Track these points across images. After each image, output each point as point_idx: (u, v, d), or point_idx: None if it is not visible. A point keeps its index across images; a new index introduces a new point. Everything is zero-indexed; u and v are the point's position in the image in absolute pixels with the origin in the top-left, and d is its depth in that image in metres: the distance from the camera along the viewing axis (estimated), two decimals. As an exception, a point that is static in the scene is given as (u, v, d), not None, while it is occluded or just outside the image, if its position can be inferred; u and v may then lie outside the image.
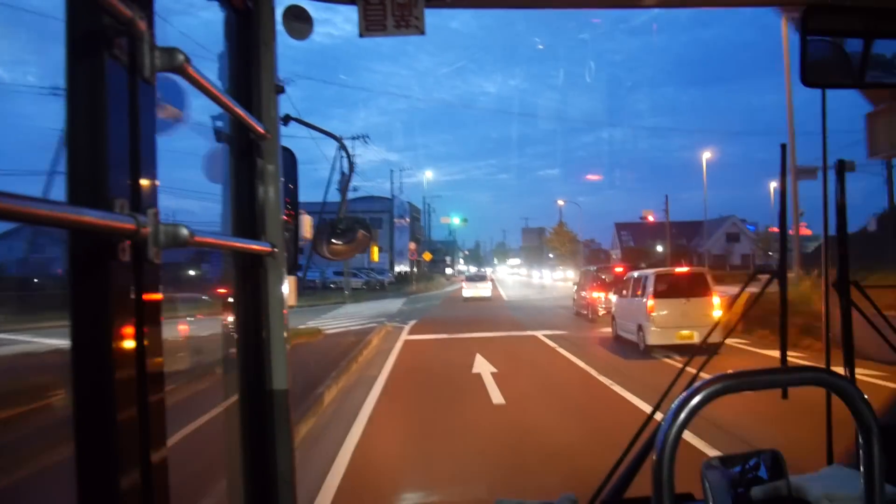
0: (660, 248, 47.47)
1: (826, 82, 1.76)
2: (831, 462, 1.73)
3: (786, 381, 1.06)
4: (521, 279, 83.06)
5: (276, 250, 1.34)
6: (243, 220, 1.34)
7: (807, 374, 1.01)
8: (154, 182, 0.82)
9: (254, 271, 1.35)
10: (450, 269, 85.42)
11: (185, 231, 0.79)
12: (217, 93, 0.99)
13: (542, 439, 6.71)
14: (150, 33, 0.78)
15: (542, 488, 5.04)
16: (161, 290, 0.82)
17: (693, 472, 1.18)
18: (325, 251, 1.68)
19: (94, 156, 0.73)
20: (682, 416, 0.90)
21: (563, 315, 23.35)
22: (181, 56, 0.81)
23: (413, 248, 43.66)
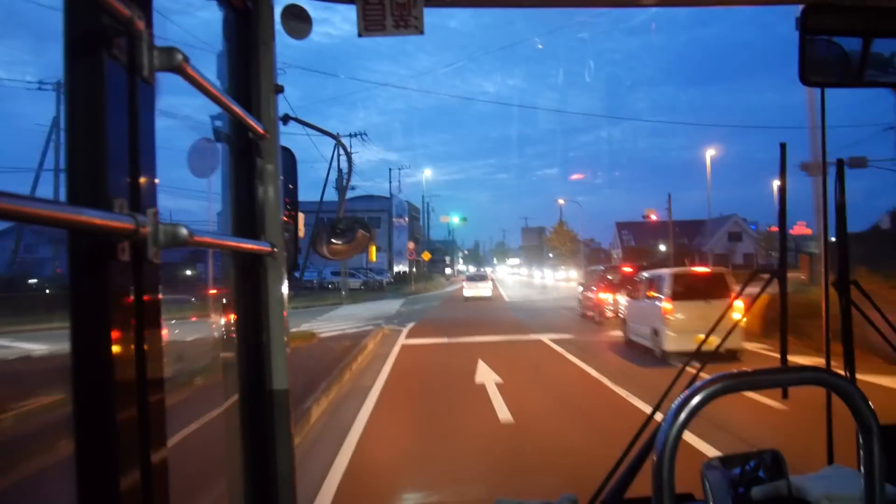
0: (661, 247, 47.30)
1: (825, 82, 1.77)
2: (831, 462, 1.73)
3: (786, 380, 1.06)
4: (522, 279, 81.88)
5: (275, 250, 1.34)
6: (243, 220, 1.34)
7: (807, 374, 1.01)
8: (153, 182, 0.82)
9: (253, 271, 1.35)
10: (449, 269, 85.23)
11: (184, 231, 0.79)
12: (216, 92, 0.99)
13: (559, 467, 5.73)
14: (149, 33, 0.78)
15: None
16: (160, 290, 0.82)
17: (693, 472, 1.18)
18: (324, 251, 1.68)
19: (93, 156, 0.73)
20: (683, 416, 0.89)
21: (568, 317, 22.48)
22: (180, 56, 0.81)
23: (412, 247, 43.59)
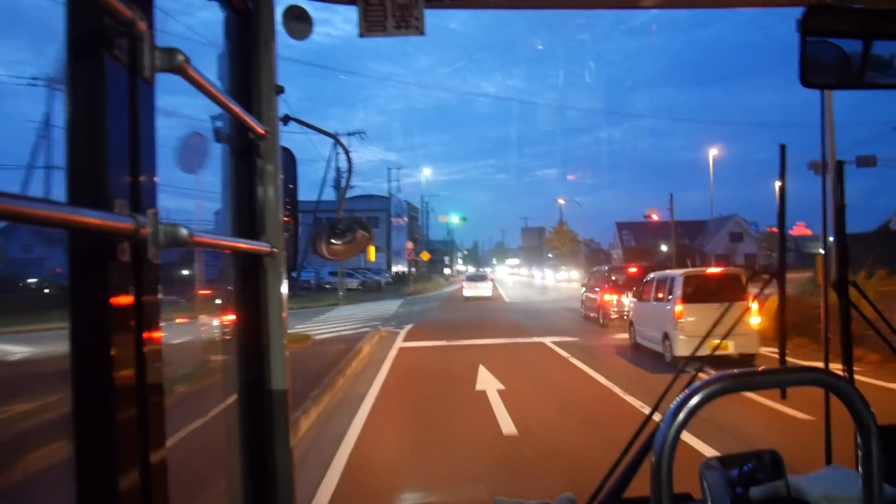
0: (663, 247, 47.06)
1: (825, 83, 1.77)
2: (830, 462, 1.73)
3: (784, 381, 1.06)
4: (522, 279, 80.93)
5: (275, 250, 1.34)
6: (243, 221, 1.34)
7: (805, 375, 1.01)
8: (153, 182, 0.82)
9: (253, 271, 1.35)
10: (448, 270, 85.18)
11: (184, 231, 0.79)
12: (217, 93, 0.99)
13: (570, 485, 4.26)
14: (150, 34, 0.78)
15: None
16: (160, 291, 0.82)
17: (692, 472, 1.18)
18: (324, 251, 1.68)
19: (93, 156, 0.73)
20: (681, 417, 0.89)
21: (571, 319, 21.74)
22: (181, 56, 0.81)
23: (410, 247, 43.35)
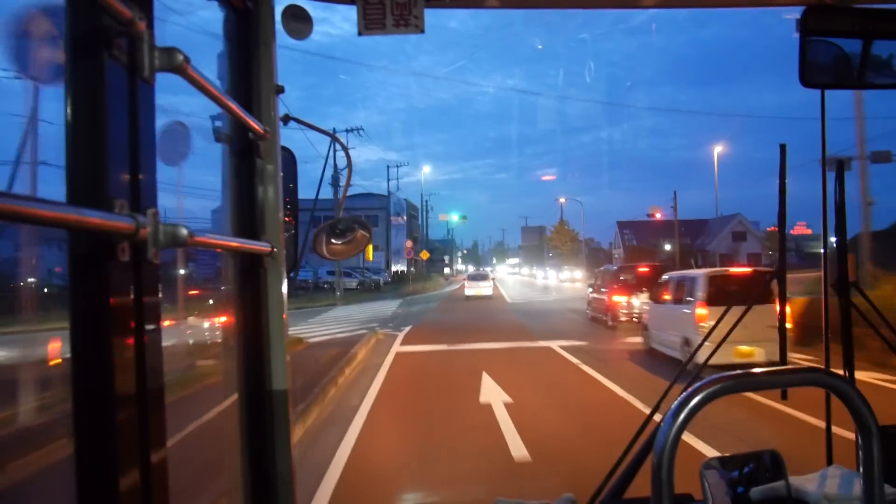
0: (665, 246, 46.81)
1: (825, 83, 1.77)
2: (830, 463, 1.73)
3: (785, 381, 1.06)
4: (523, 279, 79.66)
5: (275, 250, 1.34)
6: (243, 220, 1.33)
7: (806, 375, 1.00)
8: (154, 182, 0.82)
9: (253, 272, 1.34)
10: (448, 269, 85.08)
11: (184, 231, 0.79)
12: (216, 93, 0.99)
13: None
14: (149, 33, 0.78)
15: None
16: (160, 291, 0.82)
17: (692, 472, 1.18)
18: (324, 251, 1.67)
19: (93, 156, 0.73)
20: (682, 417, 0.89)
21: (577, 321, 20.68)
22: (181, 56, 0.81)
23: (409, 246, 43.20)
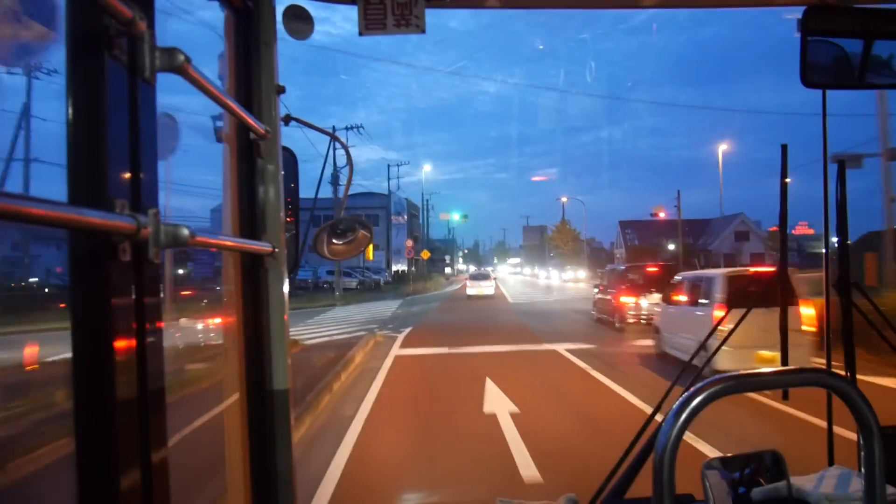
0: (668, 246, 46.50)
1: (826, 83, 1.77)
2: (832, 463, 1.73)
3: (786, 381, 1.06)
4: (525, 279, 78.56)
5: (276, 250, 1.34)
6: (244, 221, 1.33)
7: (807, 376, 1.00)
8: (154, 182, 0.82)
9: (254, 272, 1.34)
10: (449, 269, 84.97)
11: (185, 231, 0.79)
12: (217, 93, 0.99)
13: None
14: (150, 33, 0.78)
15: None
16: (161, 291, 0.82)
17: (694, 473, 1.18)
18: (325, 251, 1.67)
19: (94, 156, 0.73)
20: (683, 417, 0.89)
21: (582, 322, 19.98)
22: (181, 56, 0.81)
23: (410, 245, 43.00)
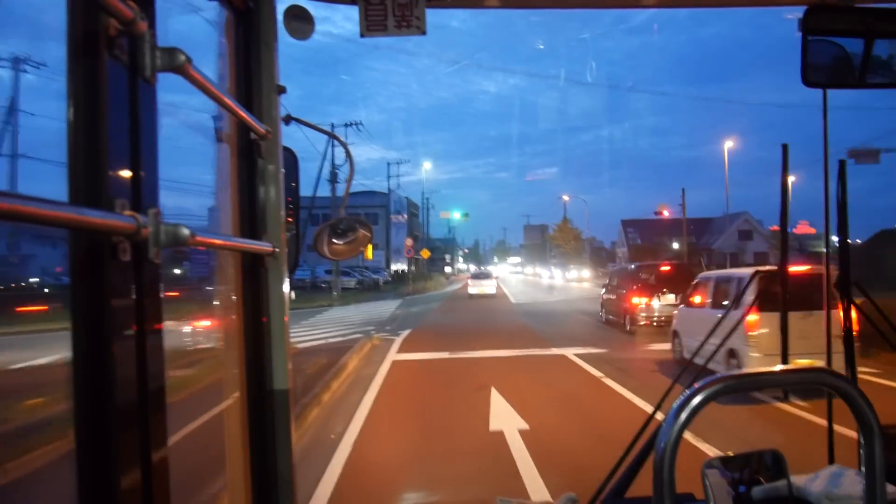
0: (670, 245, 46.33)
1: (827, 82, 1.77)
2: (832, 462, 1.73)
3: (787, 380, 1.06)
4: (527, 279, 76.89)
5: (277, 250, 1.34)
6: (244, 221, 1.33)
7: (808, 375, 1.00)
8: (155, 182, 0.82)
9: (255, 271, 1.34)
10: (449, 268, 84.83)
11: (185, 231, 0.79)
12: (218, 93, 0.99)
13: None
14: (151, 33, 0.78)
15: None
16: (162, 290, 0.82)
17: (694, 472, 1.18)
18: (325, 251, 1.67)
19: (94, 156, 0.73)
20: (683, 417, 0.89)
21: (589, 324, 19.10)
22: (182, 56, 0.81)
23: (410, 244, 42.75)
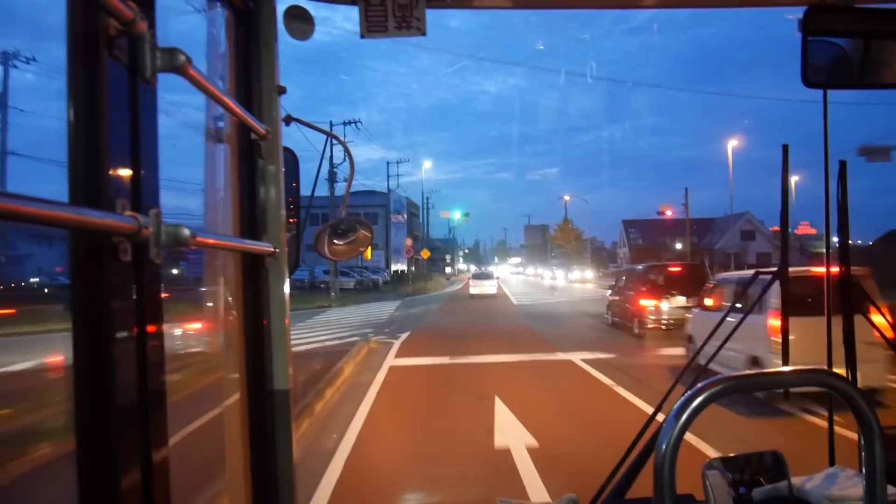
0: (672, 245, 46.23)
1: (827, 83, 1.77)
2: (833, 463, 1.72)
3: (787, 381, 1.06)
4: (528, 279, 75.51)
5: (277, 251, 1.34)
6: (245, 221, 1.33)
7: (808, 376, 1.00)
8: (155, 182, 0.82)
9: (255, 272, 1.34)
10: (449, 269, 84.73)
11: (186, 231, 0.79)
12: (218, 93, 0.99)
13: None
14: (151, 34, 0.78)
15: None
16: (162, 291, 0.82)
17: (695, 473, 1.18)
18: (325, 251, 1.67)
19: (95, 156, 0.73)
20: (684, 417, 0.89)
21: (595, 326, 18.41)
22: (182, 56, 0.81)
23: (410, 244, 42.49)
